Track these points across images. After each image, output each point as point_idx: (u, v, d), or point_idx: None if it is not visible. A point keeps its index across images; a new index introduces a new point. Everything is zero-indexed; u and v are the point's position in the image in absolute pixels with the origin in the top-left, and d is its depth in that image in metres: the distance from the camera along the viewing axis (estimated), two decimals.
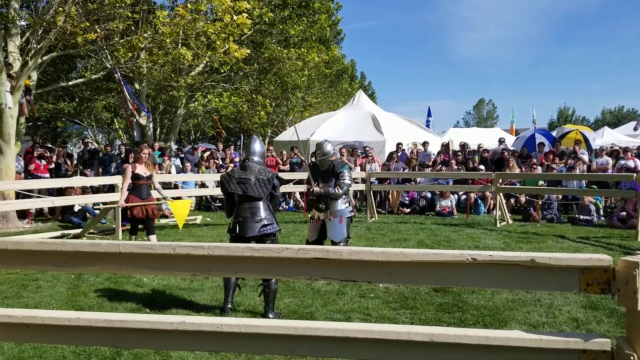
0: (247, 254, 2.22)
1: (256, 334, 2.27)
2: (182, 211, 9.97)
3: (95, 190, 13.05)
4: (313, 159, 7.17)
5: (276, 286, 5.34)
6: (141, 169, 8.60)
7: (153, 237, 8.65)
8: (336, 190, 6.52)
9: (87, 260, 2.34)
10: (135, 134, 17.99)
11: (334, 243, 6.54)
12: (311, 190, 6.54)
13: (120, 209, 8.94)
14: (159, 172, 13.99)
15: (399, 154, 15.16)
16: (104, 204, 10.48)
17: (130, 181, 8.56)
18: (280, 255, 2.20)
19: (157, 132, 21.83)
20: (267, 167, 5.73)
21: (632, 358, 1.98)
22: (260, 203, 5.34)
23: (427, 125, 23.48)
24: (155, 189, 9.16)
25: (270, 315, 5.21)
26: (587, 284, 2.06)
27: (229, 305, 5.35)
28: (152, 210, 8.70)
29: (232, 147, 18.14)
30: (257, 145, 5.67)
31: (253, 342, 2.31)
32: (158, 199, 9.28)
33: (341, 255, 2.18)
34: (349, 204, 6.77)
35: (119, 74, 14.64)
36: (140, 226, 8.86)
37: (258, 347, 2.36)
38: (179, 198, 10.87)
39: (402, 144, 15.88)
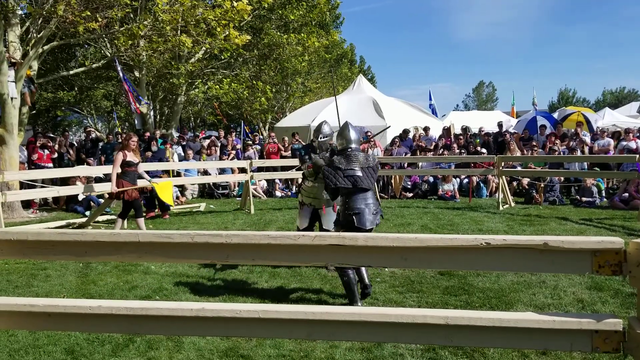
0: (265, 241, 2.26)
1: (274, 319, 2.32)
2: (167, 191, 10.19)
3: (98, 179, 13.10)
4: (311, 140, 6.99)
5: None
6: (131, 156, 8.89)
7: (141, 221, 8.99)
8: None
9: (107, 250, 2.39)
10: (136, 122, 17.98)
11: (326, 232, 6.50)
12: (312, 161, 6.38)
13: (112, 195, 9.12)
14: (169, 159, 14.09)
15: (405, 140, 15.18)
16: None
17: (119, 168, 8.83)
18: (297, 243, 2.24)
19: (158, 120, 21.80)
20: (367, 154, 5.52)
21: None
22: (370, 193, 5.16)
23: (432, 111, 23.42)
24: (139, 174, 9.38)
25: (368, 282, 5.29)
26: (599, 266, 2.10)
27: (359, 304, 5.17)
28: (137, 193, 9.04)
29: (234, 134, 18.14)
30: (353, 132, 5.43)
31: (271, 327, 2.37)
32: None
33: (357, 241, 2.22)
34: None
35: (118, 66, 14.59)
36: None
37: (275, 332, 2.42)
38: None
39: (409, 130, 15.89)
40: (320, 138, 6.59)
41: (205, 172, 14.42)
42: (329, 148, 6.60)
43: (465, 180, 13.86)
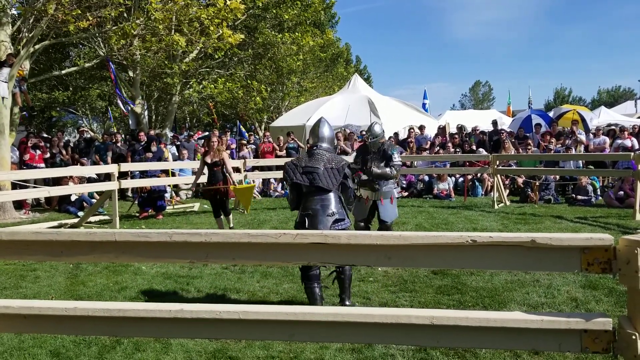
0: (245, 240, 2.20)
1: (255, 320, 2.25)
2: (247, 196, 9.80)
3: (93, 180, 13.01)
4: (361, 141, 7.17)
5: (351, 272, 4.97)
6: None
7: (229, 217, 9.24)
8: (391, 171, 6.61)
9: (83, 250, 2.31)
10: (130, 122, 17.89)
11: (383, 223, 6.68)
12: (370, 170, 6.56)
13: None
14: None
15: (409, 140, 15.14)
16: (99, 193, 10.51)
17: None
18: (278, 241, 2.17)
19: (153, 120, 21.70)
20: (338, 155, 5.19)
21: (634, 337, 1.97)
22: (331, 195, 4.76)
23: (424, 109, 23.38)
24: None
25: (347, 303, 4.92)
26: (588, 264, 2.04)
27: None
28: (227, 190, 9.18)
29: (228, 134, 18.06)
30: (326, 130, 5.04)
31: (252, 329, 2.30)
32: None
33: (339, 239, 2.15)
34: (397, 185, 6.85)
35: (111, 67, 14.51)
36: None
37: (257, 333, 2.35)
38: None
39: (413, 129, 15.82)
40: (370, 139, 6.76)
41: None
42: (379, 148, 6.74)
43: (461, 179, 13.81)
